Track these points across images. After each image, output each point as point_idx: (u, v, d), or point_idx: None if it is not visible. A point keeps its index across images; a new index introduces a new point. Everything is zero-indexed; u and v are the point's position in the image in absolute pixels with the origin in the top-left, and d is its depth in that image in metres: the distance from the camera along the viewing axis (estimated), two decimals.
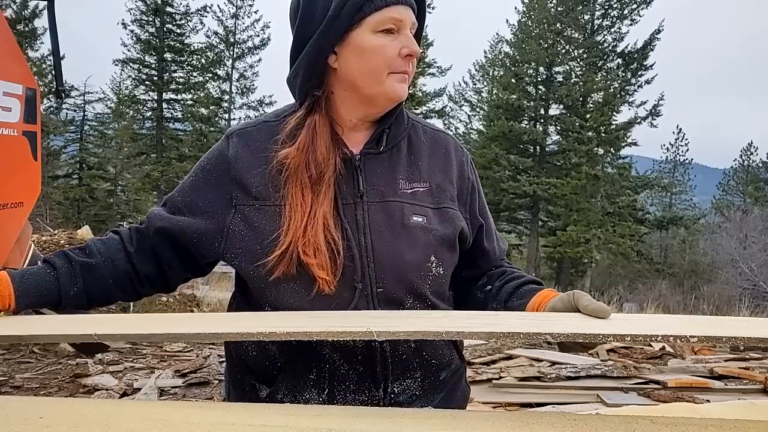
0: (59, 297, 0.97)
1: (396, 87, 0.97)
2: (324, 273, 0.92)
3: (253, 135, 1.03)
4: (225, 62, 28.39)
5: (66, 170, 29.29)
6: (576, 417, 0.76)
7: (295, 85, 1.00)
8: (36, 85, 1.15)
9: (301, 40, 0.97)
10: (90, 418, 0.68)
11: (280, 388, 0.98)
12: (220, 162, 1.02)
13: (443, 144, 1.09)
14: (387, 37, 0.95)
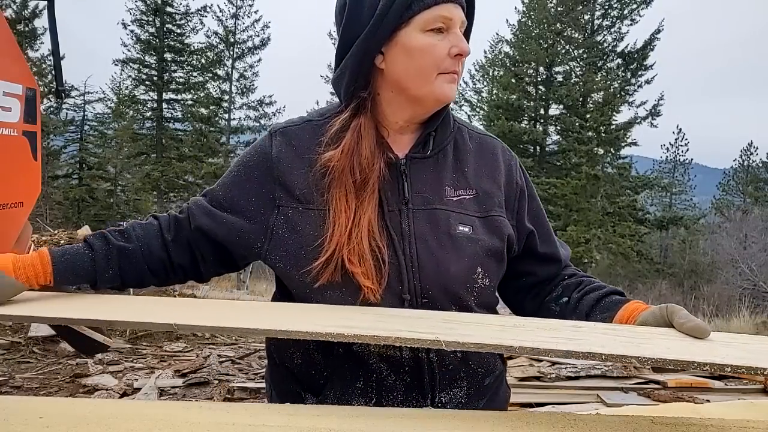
0: (95, 278, 0.98)
1: (445, 88, 0.94)
2: (369, 282, 0.90)
3: (296, 134, 1.00)
4: (225, 62, 28.37)
5: (66, 170, 29.27)
6: (576, 417, 0.76)
7: (340, 86, 0.97)
8: (36, 85, 1.15)
9: (347, 40, 0.95)
10: (90, 418, 0.68)
11: (328, 397, 0.96)
12: (262, 160, 1.00)
13: (490, 148, 1.06)
14: (436, 36, 0.92)
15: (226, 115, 28.48)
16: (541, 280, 1.07)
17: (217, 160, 27.76)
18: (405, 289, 0.92)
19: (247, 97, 28.57)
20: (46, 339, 4.61)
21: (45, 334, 4.59)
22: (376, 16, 0.90)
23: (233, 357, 4.73)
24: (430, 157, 0.99)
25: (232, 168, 1.04)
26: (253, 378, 4.25)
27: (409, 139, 1.00)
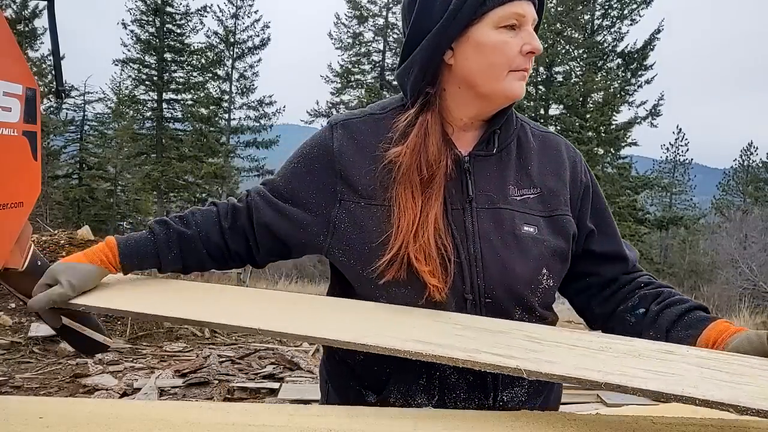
0: (159, 261, 1.01)
1: (515, 85, 0.92)
2: (435, 280, 0.89)
3: (358, 127, 0.99)
4: (225, 62, 28.36)
5: (66, 170, 29.28)
6: (576, 417, 0.76)
7: (407, 80, 0.96)
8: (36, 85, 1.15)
9: (416, 35, 0.93)
10: (90, 418, 0.68)
11: (392, 393, 0.96)
12: (323, 153, 0.99)
13: (554, 145, 1.04)
14: (509, 33, 0.90)
15: (226, 115, 28.47)
16: (606, 280, 1.03)
17: (217, 160, 27.76)
18: (468, 289, 0.91)
19: (247, 97, 28.57)
20: (46, 339, 4.61)
21: (45, 334, 4.58)
22: (449, 11, 0.89)
23: (233, 357, 4.73)
24: (493, 155, 0.97)
25: (292, 159, 1.03)
26: (253, 378, 4.25)
27: (473, 136, 0.99)
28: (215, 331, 5.94)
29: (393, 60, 27.21)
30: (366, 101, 26.14)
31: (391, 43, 27.02)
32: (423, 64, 0.93)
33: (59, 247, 5.72)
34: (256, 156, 29.06)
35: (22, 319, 4.86)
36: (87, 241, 6.04)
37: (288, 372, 4.41)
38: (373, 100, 27.82)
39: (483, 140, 0.97)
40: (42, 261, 1.33)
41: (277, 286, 13.28)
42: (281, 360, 4.64)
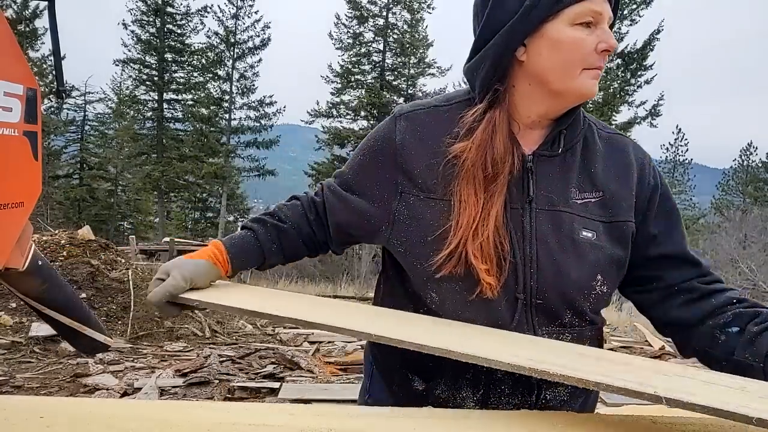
0: (263, 256, 1.05)
1: (589, 83, 0.91)
2: (491, 278, 0.88)
3: (422, 120, 0.99)
4: (225, 62, 28.38)
5: (67, 170, 29.30)
6: (576, 416, 0.76)
7: (476, 75, 0.95)
8: (37, 85, 1.15)
9: (489, 29, 0.92)
10: (90, 418, 0.68)
11: (439, 384, 0.97)
12: (386, 146, 0.99)
13: (621, 147, 1.01)
14: (584, 30, 0.89)
15: (227, 115, 28.49)
16: (677, 285, 0.98)
17: (217, 160, 27.77)
18: (521, 289, 0.91)
19: (247, 97, 28.59)
20: (47, 339, 4.61)
21: (45, 334, 4.59)
22: (525, 6, 0.88)
23: (233, 357, 4.73)
24: (557, 156, 0.96)
25: (359, 151, 1.05)
26: (253, 378, 4.25)
27: (539, 135, 0.97)
28: (215, 330, 5.94)
29: (393, 60, 27.22)
30: (366, 101, 26.16)
31: (391, 43, 27.02)
32: (494, 60, 0.91)
33: (60, 247, 5.72)
34: (257, 156, 29.08)
35: (22, 318, 4.86)
36: (87, 240, 6.04)
37: (288, 372, 4.42)
38: (373, 100, 27.69)
39: (548, 140, 0.96)
40: (42, 261, 1.33)
41: (277, 285, 13.29)
42: (281, 360, 4.65)
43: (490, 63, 0.92)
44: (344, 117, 27.18)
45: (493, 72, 0.92)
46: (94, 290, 5.41)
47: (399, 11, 27.02)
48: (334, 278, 17.03)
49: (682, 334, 0.98)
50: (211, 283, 1.01)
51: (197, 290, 0.97)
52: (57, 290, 1.36)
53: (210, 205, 31.40)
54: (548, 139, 0.96)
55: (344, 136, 26.47)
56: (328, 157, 27.45)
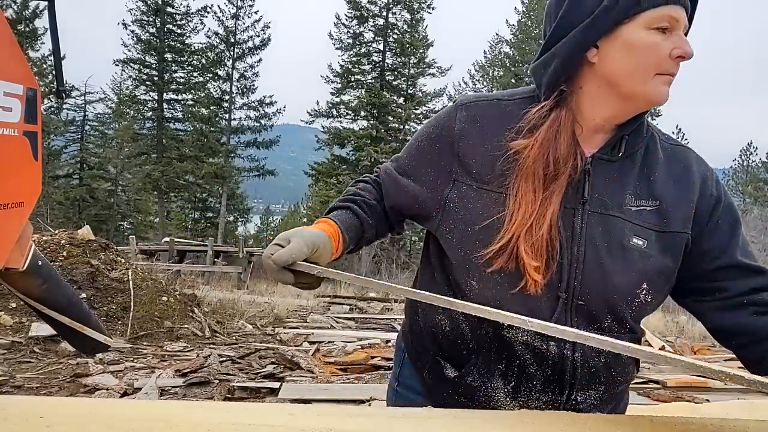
0: (362, 230, 1.05)
1: (661, 89, 0.90)
2: (538, 276, 0.89)
3: (483, 111, 1.00)
4: (225, 62, 28.39)
5: (66, 170, 29.31)
6: (576, 417, 0.76)
7: (543, 73, 0.94)
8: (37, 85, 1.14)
9: (562, 27, 0.92)
10: (90, 418, 0.68)
11: (471, 372, 0.97)
12: (445, 134, 1.00)
13: (683, 158, 1.00)
14: (660, 35, 0.88)
15: (227, 115, 28.50)
16: (742, 296, 0.96)
17: (217, 160, 27.78)
18: (563, 288, 0.91)
19: (247, 97, 28.60)
20: (47, 339, 4.61)
21: (45, 334, 4.59)
22: (602, 7, 0.88)
23: (233, 357, 4.73)
24: (615, 161, 0.95)
25: (417, 136, 1.07)
26: (253, 378, 4.25)
27: (601, 138, 0.96)
28: (215, 330, 5.95)
29: (393, 60, 27.22)
30: (366, 101, 26.16)
31: (391, 43, 27.03)
32: (565, 59, 0.91)
33: (60, 247, 5.72)
34: (257, 156, 29.11)
35: (22, 318, 4.86)
36: (87, 240, 6.05)
37: (288, 372, 4.42)
38: (373, 100, 27.63)
39: (610, 144, 0.95)
40: (43, 261, 1.33)
41: (277, 285, 13.29)
42: (281, 360, 4.65)
43: (560, 62, 0.92)
44: (344, 117, 27.19)
45: (562, 71, 0.92)
46: (94, 290, 5.41)
47: (399, 11, 27.03)
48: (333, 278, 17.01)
49: (753, 348, 0.95)
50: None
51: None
52: (57, 290, 1.36)
53: (210, 205, 31.41)
54: (609, 143, 0.95)
55: (344, 136, 26.47)
56: (328, 157, 27.46)
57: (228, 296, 8.30)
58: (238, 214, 32.53)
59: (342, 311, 9.48)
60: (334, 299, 11.02)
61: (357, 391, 3.79)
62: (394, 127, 26.78)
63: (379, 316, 9.07)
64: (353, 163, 26.58)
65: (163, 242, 17.36)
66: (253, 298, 8.99)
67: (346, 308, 9.94)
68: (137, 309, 5.47)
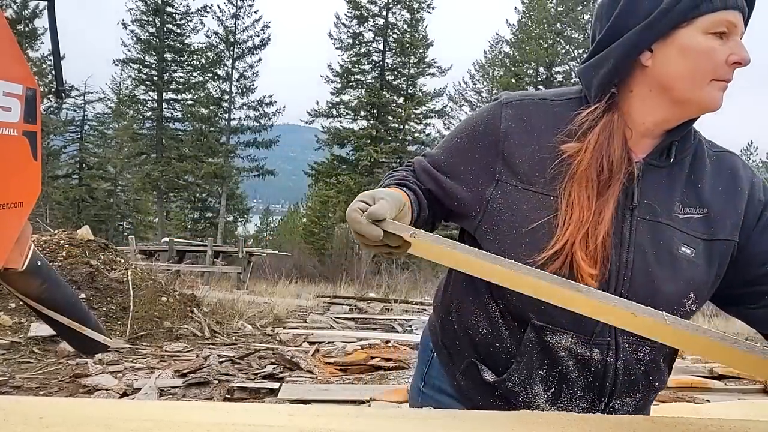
0: (420, 209, 0.98)
1: (715, 95, 0.88)
2: (594, 283, 0.86)
3: (530, 110, 0.97)
4: (225, 62, 28.38)
5: (66, 170, 29.31)
6: (576, 417, 0.76)
7: (594, 75, 0.93)
8: (36, 85, 1.14)
9: (616, 29, 0.90)
10: (90, 418, 0.68)
11: (512, 377, 0.95)
12: (489, 132, 0.97)
13: (729, 164, 0.99)
14: (716, 40, 0.87)
15: (226, 115, 28.49)
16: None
17: (217, 160, 27.78)
18: (611, 293, 0.89)
19: (247, 97, 28.60)
20: (46, 339, 4.61)
21: (45, 334, 4.59)
22: (659, 10, 0.86)
23: (233, 357, 4.73)
24: (664, 167, 0.94)
25: (456, 133, 1.03)
26: (253, 378, 4.25)
27: (649, 144, 0.95)
28: (215, 331, 5.94)
29: (393, 60, 27.22)
30: (366, 101, 26.16)
31: (391, 43, 27.03)
32: (618, 61, 0.89)
33: (59, 247, 5.72)
34: (256, 156, 29.10)
35: (22, 319, 4.86)
36: (87, 241, 6.04)
37: (288, 372, 4.42)
38: (373, 99, 27.60)
39: (658, 149, 0.94)
40: (42, 261, 1.33)
41: (277, 286, 13.29)
42: (281, 360, 4.65)
43: (613, 64, 0.90)
44: (344, 117, 27.20)
45: (614, 73, 0.90)
46: (94, 290, 5.40)
47: (399, 11, 27.03)
48: (333, 279, 17.03)
49: None
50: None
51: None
52: (56, 290, 1.36)
53: (209, 205, 31.41)
54: (658, 149, 0.94)
55: (344, 136, 26.48)
56: (328, 157, 27.46)
57: (227, 296, 8.30)
58: (238, 214, 32.53)
59: (342, 311, 9.48)
60: (334, 299, 11.02)
61: (357, 392, 3.79)
62: (394, 127, 26.80)
63: (379, 316, 9.07)
64: (353, 163, 26.59)
65: (162, 242, 17.36)
66: (252, 299, 8.98)
67: (345, 308, 9.94)
68: (137, 309, 5.47)
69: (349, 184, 25.41)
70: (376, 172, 24.99)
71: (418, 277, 17.67)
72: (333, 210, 26.69)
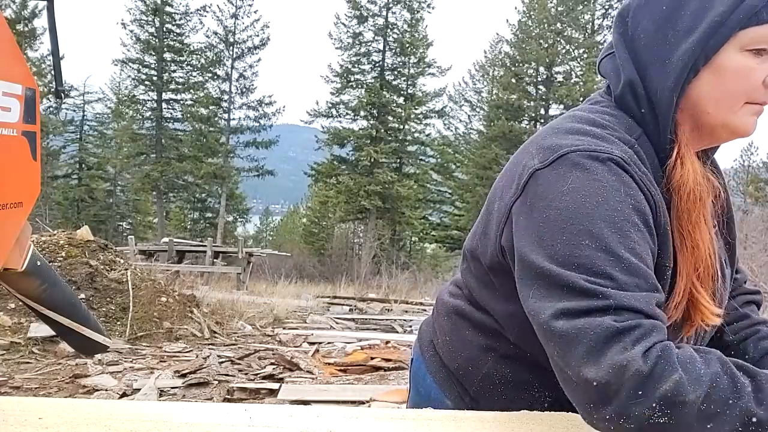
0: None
1: (748, 120, 0.79)
2: (717, 321, 0.80)
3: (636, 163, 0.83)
4: (224, 62, 28.37)
5: (65, 170, 29.31)
6: (576, 417, 0.76)
7: (652, 104, 0.81)
8: (35, 85, 1.14)
9: (651, 51, 0.80)
10: (89, 419, 0.68)
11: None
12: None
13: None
14: (755, 58, 0.76)
15: (226, 115, 28.48)
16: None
17: (216, 160, 27.77)
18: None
19: (246, 97, 28.58)
20: (46, 339, 4.61)
21: (44, 335, 4.58)
22: (712, 22, 0.75)
23: (233, 357, 4.73)
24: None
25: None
26: (252, 378, 4.24)
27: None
28: (215, 331, 5.94)
29: (393, 59, 27.22)
30: (365, 101, 26.15)
31: (390, 43, 27.03)
32: (676, 84, 0.78)
33: (59, 247, 5.71)
34: (256, 156, 29.08)
35: (21, 319, 4.86)
36: (86, 241, 6.04)
37: (288, 372, 4.41)
38: (373, 99, 27.50)
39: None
40: (41, 261, 1.32)
41: (276, 286, 13.29)
42: (281, 360, 4.64)
43: (672, 88, 0.78)
44: (344, 117, 27.20)
45: (676, 99, 0.78)
46: (93, 291, 5.40)
47: (399, 11, 27.03)
48: (333, 279, 17.03)
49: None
50: None
51: None
52: (56, 291, 1.36)
53: (209, 205, 31.40)
54: None
55: (344, 136, 26.48)
56: (328, 157, 27.46)
57: (227, 297, 8.30)
58: (238, 214, 32.51)
59: (342, 312, 9.48)
60: (334, 300, 11.02)
61: (357, 392, 3.79)
62: (393, 127, 26.80)
63: (379, 316, 9.07)
64: (353, 163, 26.59)
65: (162, 242, 17.35)
66: (252, 299, 8.99)
67: (345, 309, 9.94)
68: (136, 309, 5.46)
69: (348, 184, 25.41)
70: (375, 172, 24.98)
71: (418, 278, 17.67)
72: (333, 210, 26.69)
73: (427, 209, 29.41)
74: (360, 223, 27.15)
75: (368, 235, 24.57)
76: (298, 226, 35.07)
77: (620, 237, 0.68)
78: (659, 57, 0.79)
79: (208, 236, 23.86)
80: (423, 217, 28.58)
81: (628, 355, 0.61)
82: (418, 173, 27.44)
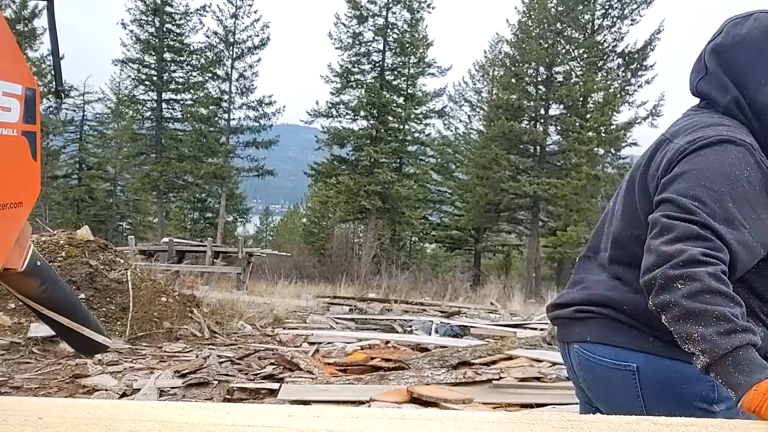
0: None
1: None
2: None
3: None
4: (224, 62, 28.35)
5: (65, 170, 29.30)
6: (576, 417, 0.76)
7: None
8: (35, 85, 1.14)
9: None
10: (89, 419, 0.68)
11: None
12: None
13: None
14: None
15: (226, 115, 28.46)
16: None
17: (216, 160, 27.75)
18: None
19: (246, 97, 28.56)
20: (46, 339, 4.61)
21: (44, 335, 4.58)
22: None
23: (233, 357, 4.73)
24: None
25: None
26: (252, 378, 4.24)
27: None
28: (215, 331, 5.94)
29: (393, 59, 27.20)
30: (366, 101, 26.14)
31: (390, 43, 27.02)
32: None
33: (59, 247, 5.71)
34: (256, 156, 29.06)
35: (21, 319, 4.86)
36: (86, 241, 6.04)
37: (288, 372, 4.41)
38: (373, 99, 27.44)
39: None
40: (41, 261, 1.32)
41: (276, 286, 13.28)
42: (281, 360, 4.64)
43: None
44: (344, 117, 27.18)
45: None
46: (93, 291, 5.40)
47: (399, 11, 27.01)
48: (333, 279, 17.02)
49: None
50: None
51: None
52: (56, 291, 1.36)
53: (209, 205, 31.40)
54: None
55: (344, 136, 26.47)
56: (328, 157, 27.45)
57: (227, 297, 8.30)
58: (238, 214, 32.51)
59: (342, 312, 9.48)
60: (334, 300, 11.02)
61: (357, 392, 3.79)
62: (394, 127, 26.79)
63: (379, 316, 9.07)
64: (353, 163, 26.58)
65: (162, 242, 17.34)
66: (252, 299, 8.98)
67: (345, 309, 9.94)
68: (136, 309, 5.46)
69: (348, 184, 25.39)
70: (375, 172, 24.97)
71: (418, 278, 17.67)
72: (333, 210, 26.67)
73: (427, 209, 29.38)
74: (360, 223, 27.13)
75: (368, 235, 24.57)
76: (298, 226, 35.06)
77: (731, 190, 0.96)
78: (757, 79, 1.06)
79: (208, 236, 23.85)
80: (423, 217, 28.56)
81: (694, 251, 0.88)
82: (418, 173, 27.41)
